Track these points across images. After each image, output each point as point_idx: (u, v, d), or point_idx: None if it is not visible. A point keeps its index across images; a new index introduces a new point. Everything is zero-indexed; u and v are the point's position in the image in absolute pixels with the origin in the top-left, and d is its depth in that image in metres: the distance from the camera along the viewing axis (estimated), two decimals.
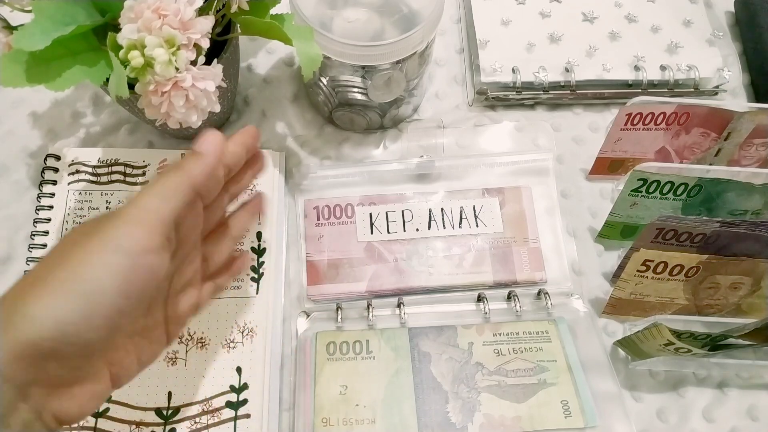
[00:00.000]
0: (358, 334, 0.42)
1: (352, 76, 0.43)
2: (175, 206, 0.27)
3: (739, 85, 0.54)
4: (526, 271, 0.45)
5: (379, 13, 0.44)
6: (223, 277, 0.36)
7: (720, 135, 0.45)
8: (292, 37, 0.36)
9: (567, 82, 0.51)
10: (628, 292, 0.42)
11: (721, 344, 0.37)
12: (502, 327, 0.43)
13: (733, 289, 0.41)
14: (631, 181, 0.41)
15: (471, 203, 0.47)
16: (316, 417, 0.39)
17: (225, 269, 0.36)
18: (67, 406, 0.26)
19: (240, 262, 0.37)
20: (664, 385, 0.42)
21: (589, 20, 0.53)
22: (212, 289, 0.34)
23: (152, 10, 0.30)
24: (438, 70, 0.54)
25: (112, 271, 0.25)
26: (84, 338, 0.25)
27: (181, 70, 0.32)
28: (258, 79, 0.52)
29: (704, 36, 0.52)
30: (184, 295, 0.32)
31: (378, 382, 0.40)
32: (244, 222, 0.37)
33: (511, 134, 0.51)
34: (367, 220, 0.46)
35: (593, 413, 0.39)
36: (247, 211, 0.37)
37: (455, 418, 0.39)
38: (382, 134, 0.50)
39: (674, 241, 0.39)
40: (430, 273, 0.44)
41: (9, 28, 0.35)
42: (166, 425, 0.39)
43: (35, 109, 0.50)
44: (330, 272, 0.44)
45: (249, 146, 0.34)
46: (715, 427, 0.41)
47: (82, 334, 0.24)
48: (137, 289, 0.26)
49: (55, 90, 0.32)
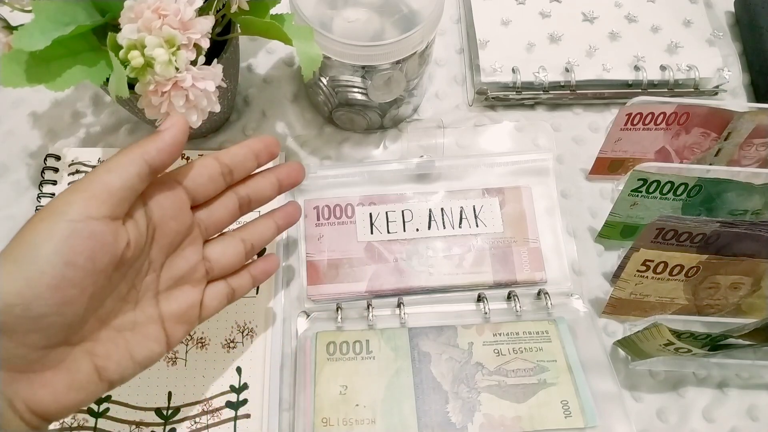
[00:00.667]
0: (358, 334, 0.42)
1: (352, 76, 0.43)
2: (122, 177, 0.27)
3: (739, 85, 0.54)
4: (526, 271, 0.45)
5: (379, 13, 0.44)
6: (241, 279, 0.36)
7: (720, 135, 0.45)
8: (292, 37, 0.36)
9: (567, 82, 0.51)
10: (628, 292, 0.42)
11: (721, 344, 0.37)
12: (502, 327, 0.43)
13: (733, 289, 0.41)
14: (631, 181, 0.41)
15: (471, 203, 0.47)
16: (316, 417, 0.39)
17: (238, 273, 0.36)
18: (40, 394, 0.25)
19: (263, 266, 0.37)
20: (664, 385, 0.42)
21: (589, 20, 0.53)
22: (224, 291, 0.34)
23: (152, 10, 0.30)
24: (438, 70, 0.54)
25: (51, 236, 0.25)
26: (34, 311, 0.24)
27: (181, 70, 0.32)
28: (258, 79, 0.52)
29: (704, 36, 0.52)
30: (179, 292, 0.32)
31: (378, 382, 0.40)
32: (260, 230, 0.36)
33: (511, 134, 0.51)
34: (367, 220, 0.46)
35: (593, 413, 0.39)
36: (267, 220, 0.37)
37: (455, 418, 0.39)
38: (382, 134, 0.50)
39: (674, 241, 0.39)
40: (430, 273, 0.44)
41: (9, 28, 0.35)
42: (166, 425, 0.39)
43: (35, 109, 0.50)
44: (330, 272, 0.44)
45: (258, 152, 0.34)
46: (715, 427, 0.41)
47: (29, 306, 0.24)
48: (83, 258, 0.25)
49: (55, 90, 0.32)
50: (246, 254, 0.36)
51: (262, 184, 0.35)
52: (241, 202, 0.35)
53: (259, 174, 0.36)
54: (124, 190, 0.27)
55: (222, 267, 0.34)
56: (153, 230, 0.30)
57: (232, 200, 0.34)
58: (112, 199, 0.27)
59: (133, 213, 0.28)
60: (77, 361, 0.27)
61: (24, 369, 0.25)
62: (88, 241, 0.26)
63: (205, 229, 0.33)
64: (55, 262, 0.25)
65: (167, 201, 0.30)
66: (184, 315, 0.32)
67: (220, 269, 0.34)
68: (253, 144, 0.34)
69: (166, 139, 0.29)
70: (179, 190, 0.31)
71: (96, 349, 0.28)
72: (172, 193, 0.31)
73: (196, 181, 0.32)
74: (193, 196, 0.32)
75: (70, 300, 0.25)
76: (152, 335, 0.30)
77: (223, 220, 0.34)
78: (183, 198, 0.31)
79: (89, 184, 0.27)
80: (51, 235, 0.25)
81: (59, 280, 0.25)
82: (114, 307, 0.29)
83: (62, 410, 0.27)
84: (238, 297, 0.36)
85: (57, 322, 0.25)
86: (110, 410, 0.39)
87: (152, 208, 0.30)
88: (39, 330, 0.25)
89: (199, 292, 0.33)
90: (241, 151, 0.33)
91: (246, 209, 0.35)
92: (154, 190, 0.30)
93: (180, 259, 0.32)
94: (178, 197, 0.31)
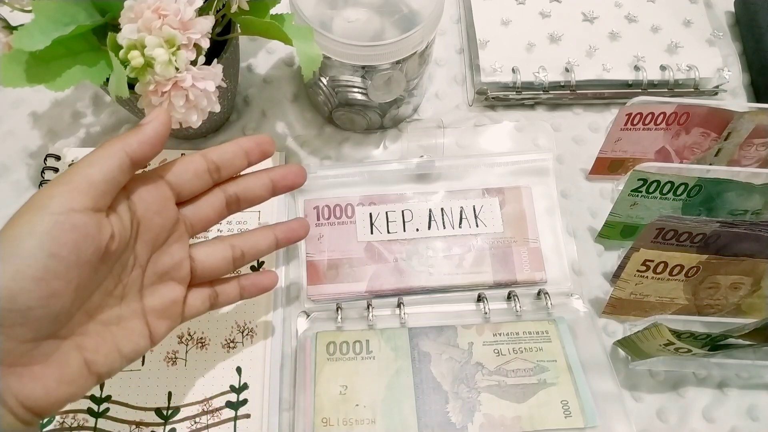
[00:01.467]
0: (358, 334, 0.42)
1: (352, 76, 0.43)
2: (103, 169, 0.27)
3: (739, 85, 0.54)
4: (526, 271, 0.45)
5: (379, 13, 0.44)
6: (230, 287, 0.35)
7: (720, 135, 0.45)
8: (292, 37, 0.36)
9: (567, 82, 0.51)
10: (628, 292, 0.42)
11: (721, 344, 0.37)
12: (502, 327, 0.43)
13: (733, 289, 0.41)
14: (631, 181, 0.41)
15: (471, 203, 0.47)
16: (316, 417, 0.39)
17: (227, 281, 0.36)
18: (30, 388, 0.26)
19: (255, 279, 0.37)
20: (664, 385, 0.42)
21: (589, 20, 0.53)
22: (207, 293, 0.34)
23: (152, 10, 0.30)
24: (438, 70, 0.54)
25: (34, 229, 0.25)
26: (20, 304, 0.24)
27: (181, 70, 0.32)
28: (258, 79, 0.52)
29: (704, 36, 0.52)
30: (163, 287, 0.32)
31: (378, 382, 0.40)
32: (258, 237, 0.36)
33: (511, 134, 0.51)
34: (367, 220, 0.46)
35: (593, 413, 0.39)
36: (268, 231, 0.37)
37: (455, 418, 0.39)
38: (382, 134, 0.50)
39: (674, 241, 0.39)
40: (430, 273, 0.44)
41: (9, 28, 0.35)
42: (166, 425, 0.39)
43: (35, 109, 0.50)
44: (330, 272, 0.44)
45: (249, 150, 0.34)
46: (715, 427, 0.41)
47: (16, 298, 0.24)
48: (67, 250, 0.25)
49: (55, 90, 0.32)
50: (234, 260, 0.35)
51: (254, 183, 0.35)
52: (228, 201, 0.34)
53: (251, 173, 0.35)
54: (106, 182, 0.27)
55: (206, 268, 0.34)
56: (137, 224, 0.30)
57: (219, 198, 0.34)
58: (93, 191, 0.27)
59: (117, 207, 0.29)
60: (67, 354, 0.27)
61: (13, 363, 0.25)
62: (71, 233, 0.26)
63: (191, 225, 0.33)
64: (39, 255, 0.25)
65: (151, 196, 0.30)
66: (166, 310, 0.32)
67: (204, 270, 0.34)
68: (243, 142, 0.34)
69: (148, 132, 0.29)
70: (163, 185, 0.31)
71: (85, 343, 0.28)
72: (156, 188, 0.31)
73: (181, 177, 0.32)
74: (177, 192, 0.32)
75: (56, 292, 0.25)
76: (137, 330, 0.30)
77: (209, 217, 0.34)
78: (167, 193, 0.31)
79: (70, 177, 0.27)
80: (34, 228, 0.25)
81: (44, 272, 0.25)
82: (101, 301, 0.29)
83: (54, 404, 0.27)
84: (223, 304, 0.36)
85: (44, 315, 0.25)
86: (110, 410, 0.39)
87: (135, 202, 0.30)
88: (25, 323, 0.25)
89: (182, 289, 0.33)
90: (231, 149, 0.33)
91: (234, 208, 0.35)
92: (138, 185, 0.30)
93: (165, 255, 0.32)
94: (161, 192, 0.31)
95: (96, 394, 0.39)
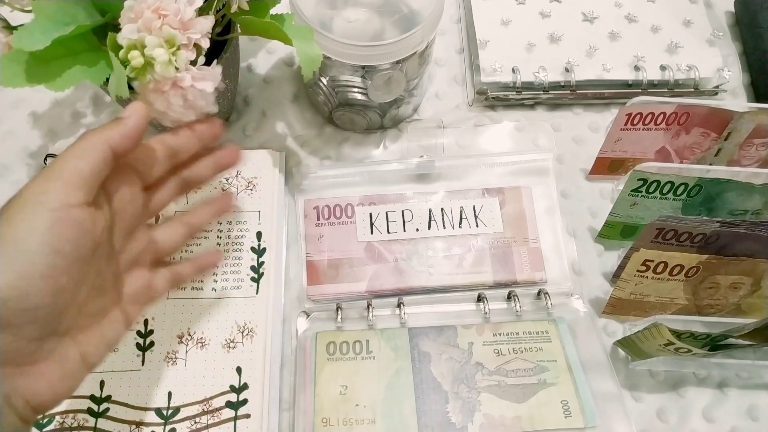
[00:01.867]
0: (358, 334, 0.42)
1: (352, 76, 0.43)
2: (91, 162, 0.27)
3: (739, 85, 0.54)
4: (526, 271, 0.45)
5: (379, 13, 0.44)
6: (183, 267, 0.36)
7: (720, 135, 0.45)
8: (292, 37, 0.36)
9: (567, 82, 0.51)
10: (628, 292, 0.42)
11: (721, 344, 0.37)
12: (502, 327, 0.43)
13: (733, 289, 0.41)
14: (631, 181, 0.41)
15: (471, 203, 0.47)
16: (316, 417, 0.39)
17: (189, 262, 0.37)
18: (36, 386, 0.26)
19: (207, 259, 0.38)
20: (664, 385, 0.42)
21: (589, 20, 0.53)
22: (170, 277, 0.35)
23: (152, 10, 0.30)
24: (438, 70, 0.54)
25: (35, 228, 0.25)
26: (31, 302, 0.25)
27: (180, 70, 0.32)
28: (258, 79, 0.52)
29: (704, 36, 0.52)
30: (134, 273, 0.32)
31: (378, 382, 0.40)
32: (202, 216, 0.37)
33: (511, 134, 0.51)
34: (367, 220, 0.46)
35: (593, 413, 0.39)
36: (209, 207, 0.38)
37: (455, 418, 0.39)
38: (382, 134, 0.50)
39: (674, 241, 0.39)
40: (430, 273, 0.44)
41: (9, 28, 0.35)
42: (166, 425, 0.39)
43: (35, 109, 0.50)
44: (330, 272, 0.44)
45: (201, 134, 0.34)
46: (715, 427, 0.41)
47: (26, 297, 0.24)
48: (70, 245, 0.26)
49: (55, 90, 0.32)
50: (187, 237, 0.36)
51: (203, 164, 0.36)
52: (182, 183, 0.35)
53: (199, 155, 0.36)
54: (94, 176, 0.27)
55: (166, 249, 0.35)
56: (114, 215, 0.30)
57: (175, 181, 0.35)
58: (85, 186, 0.27)
59: (98, 199, 0.29)
60: (66, 350, 0.28)
61: (21, 362, 0.25)
62: (72, 228, 0.26)
63: (151, 210, 0.34)
64: (45, 252, 0.25)
65: (123, 185, 0.31)
66: (139, 296, 0.33)
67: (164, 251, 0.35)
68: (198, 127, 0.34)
69: (130, 125, 0.29)
70: (131, 173, 0.31)
71: (79, 337, 0.28)
72: (127, 177, 0.31)
73: (146, 164, 0.32)
74: (143, 179, 0.32)
75: (62, 288, 0.26)
76: (116, 318, 0.31)
77: (164, 200, 0.35)
78: (136, 181, 0.32)
79: (61, 172, 0.27)
80: (35, 226, 0.25)
81: (50, 269, 0.25)
82: (87, 294, 0.29)
83: (56, 400, 0.27)
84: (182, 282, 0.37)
85: (51, 312, 0.26)
86: (110, 410, 0.39)
87: (111, 192, 0.30)
88: (35, 321, 0.25)
89: (148, 273, 0.33)
90: (186, 134, 0.34)
91: (185, 188, 0.36)
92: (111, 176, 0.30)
93: (134, 241, 0.32)
94: (132, 181, 0.31)
95: (96, 394, 0.39)
